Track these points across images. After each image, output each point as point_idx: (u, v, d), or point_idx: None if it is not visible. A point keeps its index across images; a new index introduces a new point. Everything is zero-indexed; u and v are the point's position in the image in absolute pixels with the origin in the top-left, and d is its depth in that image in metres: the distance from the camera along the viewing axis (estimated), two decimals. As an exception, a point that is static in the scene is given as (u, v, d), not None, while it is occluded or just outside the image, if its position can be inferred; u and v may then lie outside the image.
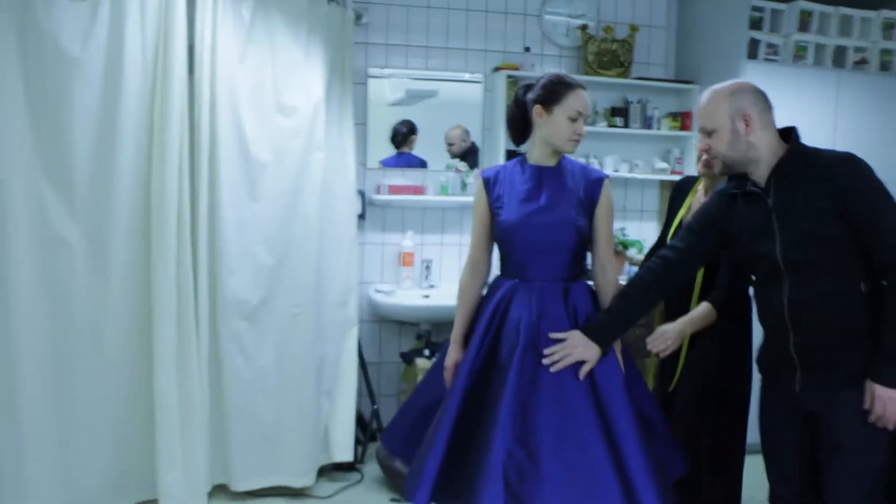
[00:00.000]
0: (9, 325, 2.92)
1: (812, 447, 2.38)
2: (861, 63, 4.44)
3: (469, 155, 4.46)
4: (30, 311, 2.96)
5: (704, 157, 2.91)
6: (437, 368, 2.68)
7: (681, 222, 3.03)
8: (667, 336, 2.72)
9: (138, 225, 3.11)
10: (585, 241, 2.55)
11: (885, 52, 4.45)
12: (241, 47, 3.23)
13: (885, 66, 4.45)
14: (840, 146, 3.13)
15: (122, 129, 3.03)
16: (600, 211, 2.54)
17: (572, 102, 2.46)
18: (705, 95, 2.36)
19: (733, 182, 2.42)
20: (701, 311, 2.79)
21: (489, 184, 2.60)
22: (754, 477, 2.88)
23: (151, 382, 3.15)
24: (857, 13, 4.39)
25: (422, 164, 4.45)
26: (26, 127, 2.91)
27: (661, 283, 2.49)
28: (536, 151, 2.56)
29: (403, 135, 4.41)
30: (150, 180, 3.10)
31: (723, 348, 2.85)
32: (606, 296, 2.52)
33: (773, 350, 2.43)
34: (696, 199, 3.03)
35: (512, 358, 2.39)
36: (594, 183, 2.54)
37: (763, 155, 2.30)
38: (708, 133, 2.34)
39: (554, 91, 2.48)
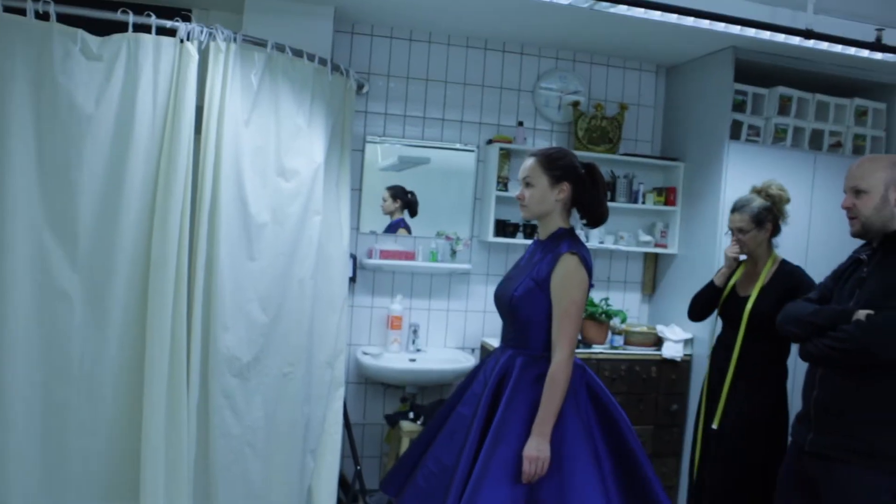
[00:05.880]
0: (3, 373, 2.93)
1: None
2: (836, 146, 4.63)
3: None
4: (24, 359, 2.97)
5: (738, 240, 3.34)
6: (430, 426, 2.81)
7: (731, 290, 3.42)
8: None
9: (137, 278, 3.15)
10: (535, 313, 2.56)
11: (857, 136, 4.65)
12: (248, 111, 3.33)
13: (857, 150, 4.64)
14: (816, 223, 3.30)
15: (128, 185, 3.09)
16: (552, 286, 2.53)
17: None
18: (865, 159, 2.48)
19: (864, 247, 2.55)
20: None
21: None
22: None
23: (140, 434, 3.15)
24: (833, 100, 4.60)
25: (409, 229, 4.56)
26: (34, 178, 2.96)
27: None
28: None
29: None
30: (151, 235, 3.15)
31: (764, 388, 3.19)
32: (548, 378, 2.48)
33: (802, 400, 2.59)
34: (745, 273, 3.44)
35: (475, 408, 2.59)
36: (554, 257, 2.55)
37: None
38: (857, 192, 2.44)
39: None
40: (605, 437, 2.55)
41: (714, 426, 3.28)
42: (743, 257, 3.45)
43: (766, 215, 3.31)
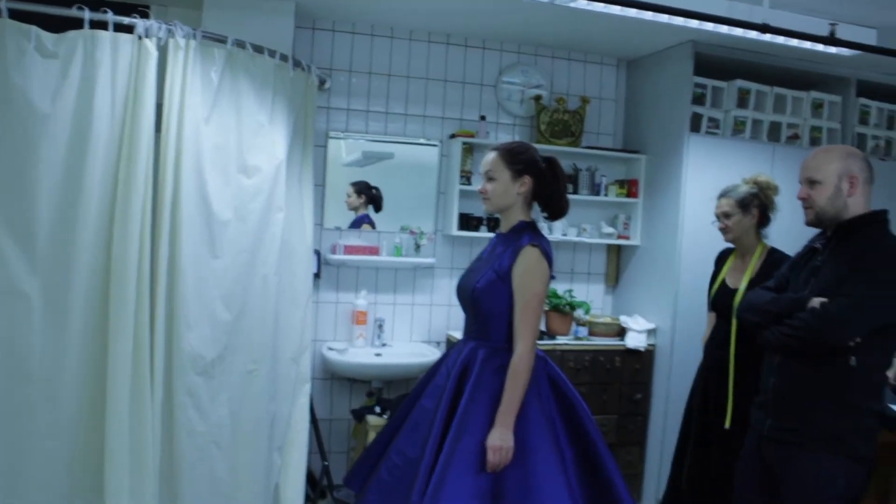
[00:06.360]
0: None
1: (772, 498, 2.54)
2: (794, 138, 4.71)
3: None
4: (-17, 362, 2.95)
5: (724, 224, 3.33)
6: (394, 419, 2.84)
7: (721, 283, 3.40)
8: None
9: (98, 278, 3.12)
10: (497, 305, 2.58)
11: (814, 128, 4.74)
12: (209, 109, 3.31)
13: (814, 141, 4.73)
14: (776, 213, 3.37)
15: (87, 184, 3.05)
16: (514, 278, 2.56)
17: None
18: (819, 150, 2.55)
19: (818, 236, 2.61)
20: None
21: None
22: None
23: (104, 434, 3.13)
24: (790, 93, 4.68)
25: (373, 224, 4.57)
26: (-10, 179, 2.94)
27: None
28: None
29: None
30: (111, 234, 3.12)
31: None
32: (510, 369, 2.51)
33: (761, 387, 2.64)
34: (734, 265, 3.41)
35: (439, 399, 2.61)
36: (515, 249, 2.58)
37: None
38: (811, 183, 2.50)
39: None
40: (567, 426, 2.59)
41: (727, 426, 3.22)
42: (731, 246, 3.48)
43: (751, 200, 3.33)
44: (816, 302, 2.39)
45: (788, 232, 2.85)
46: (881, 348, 2.43)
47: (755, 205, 3.33)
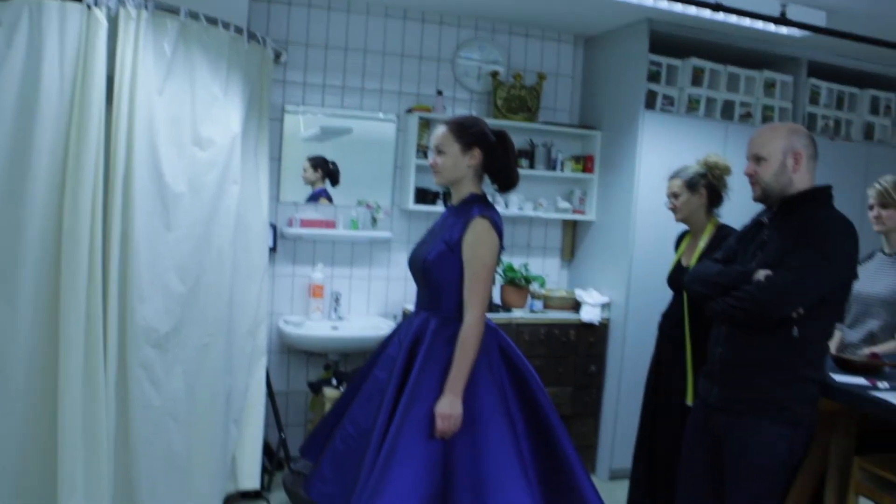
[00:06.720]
0: None
1: (718, 467, 2.62)
2: (746, 116, 4.80)
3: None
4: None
5: (673, 205, 3.40)
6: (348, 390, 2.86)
7: (677, 263, 3.48)
8: None
9: (49, 252, 3.08)
10: (448, 276, 2.61)
11: (766, 107, 4.83)
12: (161, 80, 3.27)
13: (766, 120, 4.83)
14: (731, 191, 3.44)
15: (35, 158, 3.01)
16: (464, 248, 2.59)
17: None
18: (765, 128, 2.61)
19: (766, 210, 2.67)
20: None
21: None
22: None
23: (56, 409, 3.12)
24: (743, 72, 4.75)
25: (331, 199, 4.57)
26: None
27: None
28: None
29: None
30: (62, 208, 3.09)
31: None
32: (460, 337, 2.55)
33: (708, 357, 2.71)
34: (689, 245, 3.48)
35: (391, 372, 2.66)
36: (465, 221, 2.61)
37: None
38: (758, 160, 2.56)
39: None
40: (519, 396, 2.64)
41: (688, 402, 3.28)
42: (685, 227, 3.55)
43: (699, 181, 3.39)
44: (761, 274, 2.46)
45: (742, 209, 2.91)
46: (823, 319, 2.51)
47: (703, 185, 3.39)
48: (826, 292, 2.45)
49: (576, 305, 4.71)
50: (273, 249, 4.24)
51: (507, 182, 2.74)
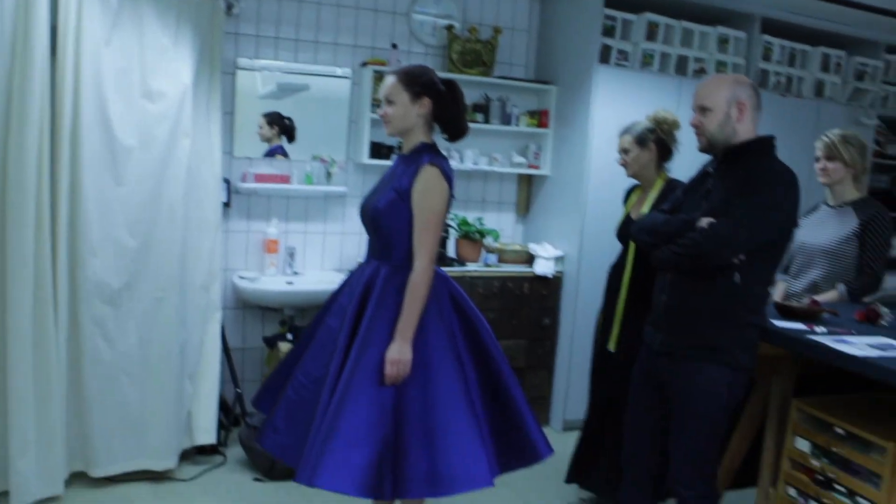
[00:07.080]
0: None
1: (663, 411, 2.71)
2: (700, 72, 4.83)
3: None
4: None
5: (624, 160, 3.45)
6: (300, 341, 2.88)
7: (626, 216, 3.52)
8: None
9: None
10: (397, 224, 2.61)
11: (720, 63, 4.86)
12: (108, 31, 3.21)
13: (720, 76, 4.85)
14: (680, 143, 3.49)
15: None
16: (413, 196, 2.59)
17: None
18: (710, 78, 2.65)
19: (711, 161, 2.72)
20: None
21: None
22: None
23: (6, 365, 3.09)
24: (698, 27, 4.78)
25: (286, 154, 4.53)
26: None
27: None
28: None
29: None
30: (6, 162, 3.04)
31: None
32: (409, 284, 2.57)
33: (653, 305, 2.77)
34: (639, 199, 3.51)
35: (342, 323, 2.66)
36: (415, 169, 2.61)
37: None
38: (703, 110, 2.59)
39: None
40: (469, 344, 2.68)
41: (610, 348, 3.42)
42: (636, 182, 3.58)
43: (648, 136, 3.42)
44: (704, 222, 2.52)
45: (693, 164, 2.96)
46: (763, 266, 2.58)
47: (652, 140, 3.43)
48: (767, 240, 2.51)
49: (530, 259, 4.76)
50: (227, 205, 4.21)
51: (456, 132, 2.74)
